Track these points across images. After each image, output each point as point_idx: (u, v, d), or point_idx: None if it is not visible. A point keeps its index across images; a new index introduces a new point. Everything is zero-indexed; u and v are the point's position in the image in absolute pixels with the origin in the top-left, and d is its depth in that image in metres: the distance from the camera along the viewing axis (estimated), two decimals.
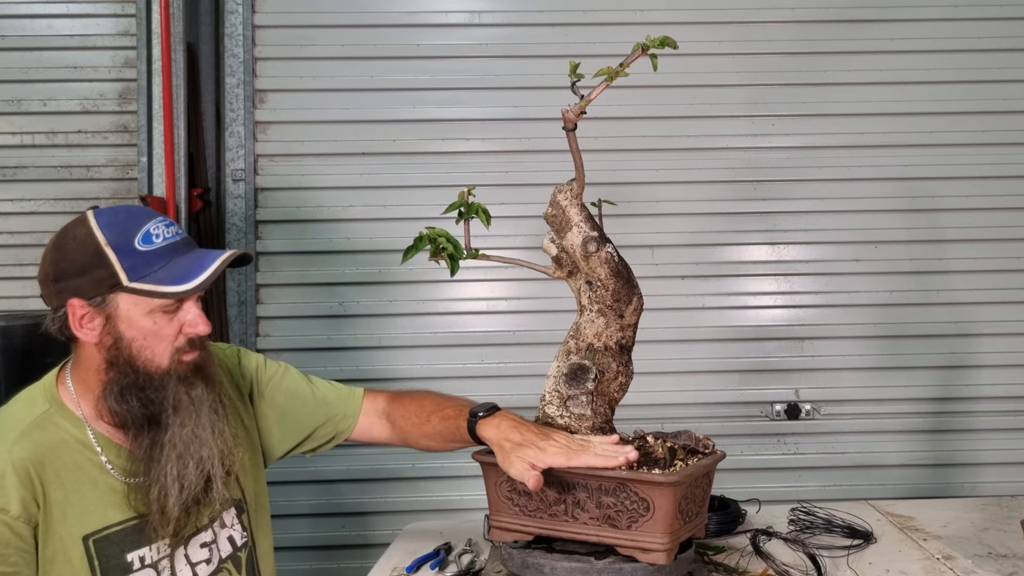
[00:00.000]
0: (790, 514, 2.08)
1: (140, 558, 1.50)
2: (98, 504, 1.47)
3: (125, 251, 1.42)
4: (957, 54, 3.02)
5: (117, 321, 1.43)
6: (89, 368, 1.48)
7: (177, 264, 1.45)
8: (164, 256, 1.44)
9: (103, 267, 1.42)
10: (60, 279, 1.44)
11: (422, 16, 3.00)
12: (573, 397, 1.62)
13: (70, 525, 1.44)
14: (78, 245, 1.44)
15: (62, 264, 1.44)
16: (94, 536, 1.46)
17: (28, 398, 1.52)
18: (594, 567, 1.55)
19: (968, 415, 3.02)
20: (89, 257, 1.42)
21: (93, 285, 1.42)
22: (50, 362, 1.63)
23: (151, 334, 1.44)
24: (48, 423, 1.47)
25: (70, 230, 1.47)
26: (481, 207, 1.72)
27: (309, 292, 2.96)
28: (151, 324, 1.44)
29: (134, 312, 1.43)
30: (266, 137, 2.98)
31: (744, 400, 3.00)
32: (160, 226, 1.46)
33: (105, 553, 1.46)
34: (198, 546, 1.58)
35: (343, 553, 2.92)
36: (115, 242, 1.42)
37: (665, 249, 2.98)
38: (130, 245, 1.43)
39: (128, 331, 1.44)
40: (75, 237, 1.45)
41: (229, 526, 1.64)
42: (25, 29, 2.96)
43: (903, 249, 3.01)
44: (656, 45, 1.56)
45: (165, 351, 1.46)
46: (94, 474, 1.47)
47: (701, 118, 3.00)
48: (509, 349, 2.97)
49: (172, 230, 1.48)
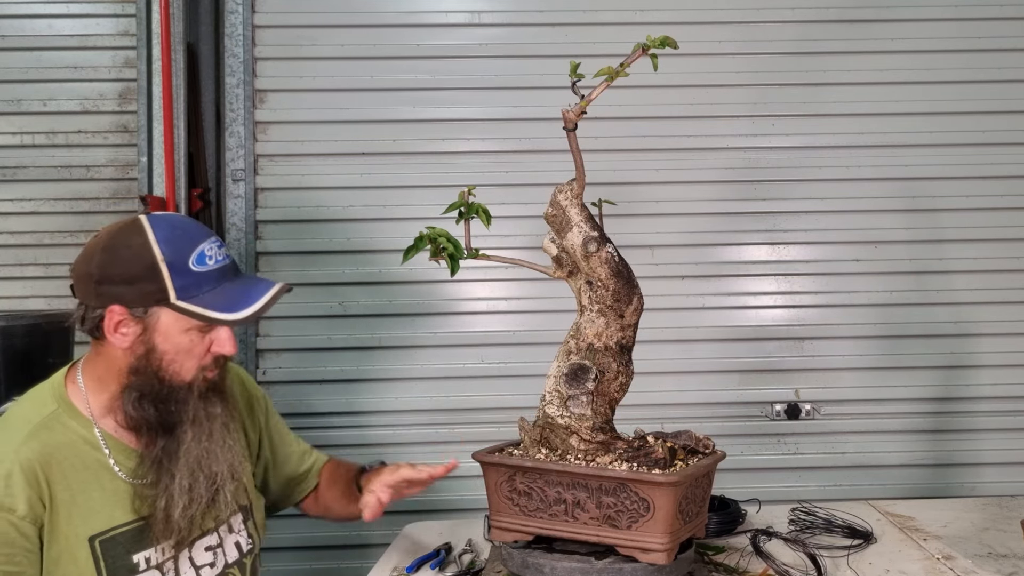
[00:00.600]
0: (790, 514, 2.09)
1: (146, 559, 1.51)
2: (104, 505, 1.48)
3: (179, 270, 1.45)
4: (957, 54, 3.02)
5: (154, 333, 1.45)
6: (110, 368, 1.49)
7: (226, 290, 1.49)
8: (214, 280, 1.48)
9: (154, 282, 1.44)
10: (105, 282, 1.45)
11: (422, 16, 3.00)
12: (573, 397, 1.62)
13: (76, 526, 1.45)
14: (133, 255, 1.45)
15: (111, 269, 1.45)
16: (100, 537, 1.47)
17: (36, 397, 1.53)
18: (594, 567, 1.55)
19: (968, 415, 3.02)
20: (143, 269, 1.44)
21: (139, 296, 1.44)
22: (50, 362, 1.64)
23: (184, 350, 1.47)
24: (56, 423, 1.48)
25: (124, 236, 1.47)
26: (481, 207, 1.72)
27: (309, 292, 2.96)
28: (187, 341, 1.47)
29: (173, 328, 1.46)
30: (266, 137, 2.98)
31: (744, 400, 3.00)
32: (213, 247, 1.50)
33: (111, 554, 1.47)
34: (202, 549, 1.59)
35: (343, 553, 2.92)
36: (171, 259, 1.45)
37: (665, 249, 2.98)
38: (184, 264, 1.45)
39: (163, 344, 1.46)
40: (130, 245, 1.45)
41: (236, 532, 1.66)
42: (25, 29, 2.95)
43: (903, 249, 3.01)
44: (656, 45, 1.56)
45: (192, 367, 1.49)
46: (101, 475, 1.48)
47: (701, 118, 2.99)
48: (509, 349, 2.97)
49: (223, 252, 1.52)
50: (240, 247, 2.93)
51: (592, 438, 1.61)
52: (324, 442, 2.91)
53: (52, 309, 2.78)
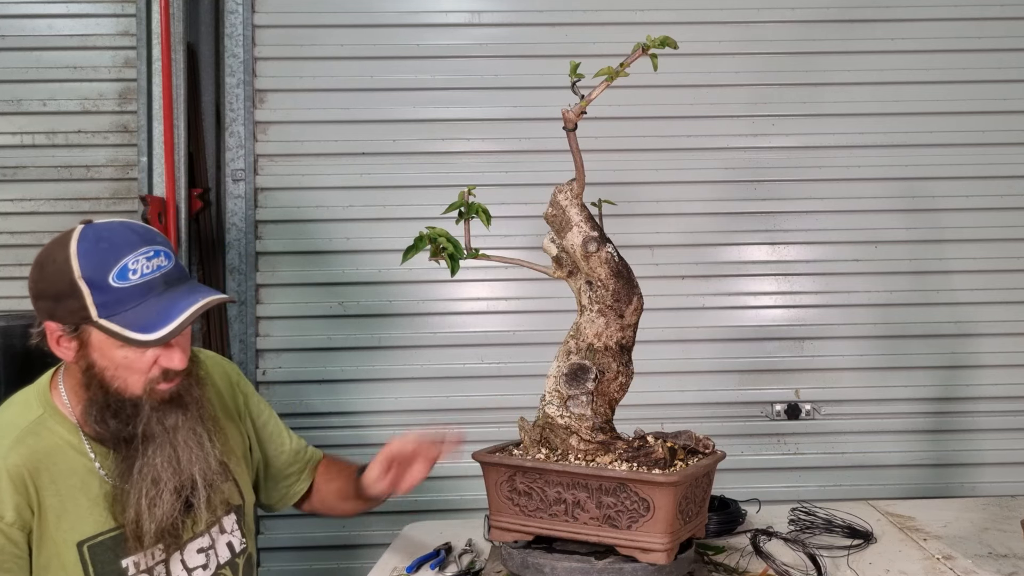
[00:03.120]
0: (790, 514, 2.09)
1: (135, 563, 1.50)
2: (92, 510, 1.46)
3: (98, 286, 1.39)
4: (957, 54, 3.02)
5: (90, 350, 1.42)
6: (76, 379, 1.47)
7: (148, 307, 1.40)
8: (137, 295, 1.40)
9: (75, 299, 1.39)
10: (39, 298, 1.45)
11: (422, 16, 3.00)
12: (573, 397, 1.62)
13: (64, 531, 1.44)
14: (56, 271, 1.41)
15: (41, 285, 1.44)
16: (88, 542, 1.46)
17: (22, 402, 1.52)
18: (594, 567, 1.55)
19: (968, 415, 3.02)
20: (64, 286, 1.40)
21: (67, 313, 1.41)
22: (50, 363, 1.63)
23: (123, 366, 1.43)
24: (42, 428, 1.46)
25: (53, 251, 1.44)
26: (481, 207, 1.72)
27: (309, 292, 2.96)
28: (122, 358, 1.42)
29: (106, 344, 1.41)
30: (266, 137, 2.98)
31: (744, 400, 3.00)
32: (140, 259, 1.41)
33: (100, 559, 1.46)
34: (194, 551, 1.58)
35: (343, 553, 2.92)
36: (89, 276, 1.39)
37: (665, 249, 2.98)
38: (104, 280, 1.39)
39: (100, 360, 1.42)
40: (55, 260, 1.42)
41: (228, 532, 1.65)
42: (25, 29, 2.95)
43: (903, 249, 3.01)
44: (656, 45, 1.57)
45: (138, 382, 1.44)
46: (88, 480, 1.47)
47: (701, 118, 2.99)
48: (509, 349, 2.97)
49: (154, 263, 1.42)
50: (240, 247, 2.94)
51: (592, 438, 1.61)
52: (324, 442, 2.89)
53: None
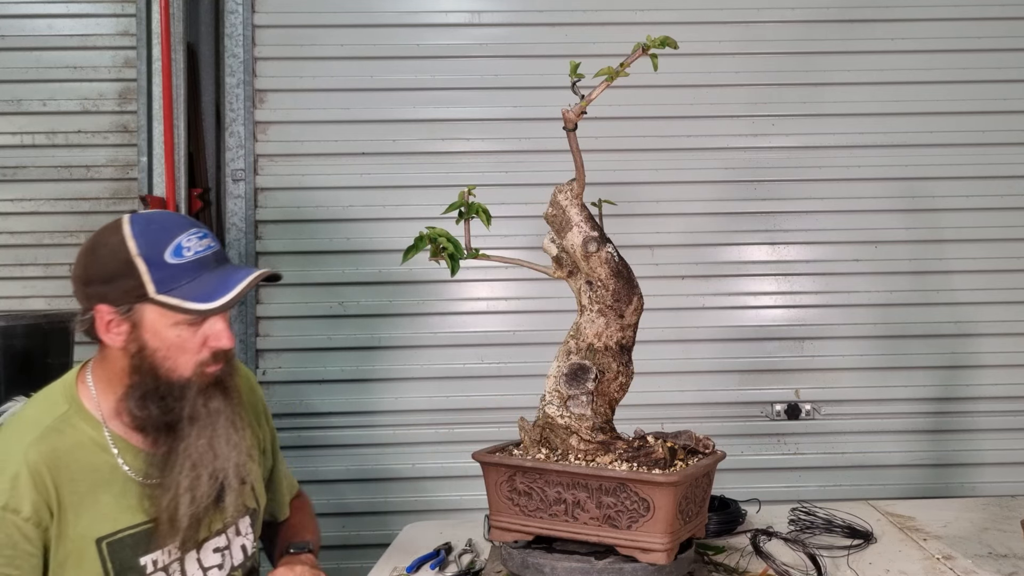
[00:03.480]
0: (790, 514, 2.09)
1: (153, 561, 1.51)
2: (112, 507, 1.47)
3: (155, 263, 1.43)
4: (957, 54, 3.02)
5: (142, 330, 1.44)
6: (113, 369, 1.49)
7: (204, 281, 1.45)
8: (192, 271, 1.45)
9: (132, 277, 1.42)
10: (89, 283, 1.45)
11: (422, 16, 3.00)
12: (573, 397, 1.62)
13: (84, 527, 1.45)
14: (109, 252, 1.44)
15: (92, 269, 1.45)
16: (108, 539, 1.46)
17: (48, 398, 1.53)
18: (594, 567, 1.55)
19: (968, 415, 3.02)
20: (119, 266, 1.43)
21: (121, 294, 1.43)
22: (50, 362, 1.64)
23: (175, 346, 1.45)
24: (66, 425, 1.47)
25: (104, 236, 1.47)
26: (481, 207, 1.72)
27: (309, 292, 2.96)
28: (175, 336, 1.45)
29: (160, 323, 1.44)
30: (266, 137, 2.98)
31: (744, 400, 3.00)
32: (192, 239, 1.47)
33: (119, 556, 1.47)
34: (211, 551, 1.59)
35: (343, 553, 2.92)
36: (146, 253, 1.43)
37: (665, 249, 2.98)
38: (160, 258, 1.43)
39: (152, 341, 1.45)
40: (107, 244, 1.45)
41: (243, 534, 1.66)
42: (25, 29, 2.95)
43: (903, 249, 3.01)
44: (656, 45, 1.57)
45: (188, 363, 1.47)
46: (110, 476, 1.48)
47: (701, 118, 2.99)
48: (509, 349, 2.97)
49: (204, 243, 1.48)
50: (240, 247, 2.93)
51: (592, 438, 1.61)
52: (324, 442, 2.92)
53: (52, 309, 2.78)
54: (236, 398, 1.56)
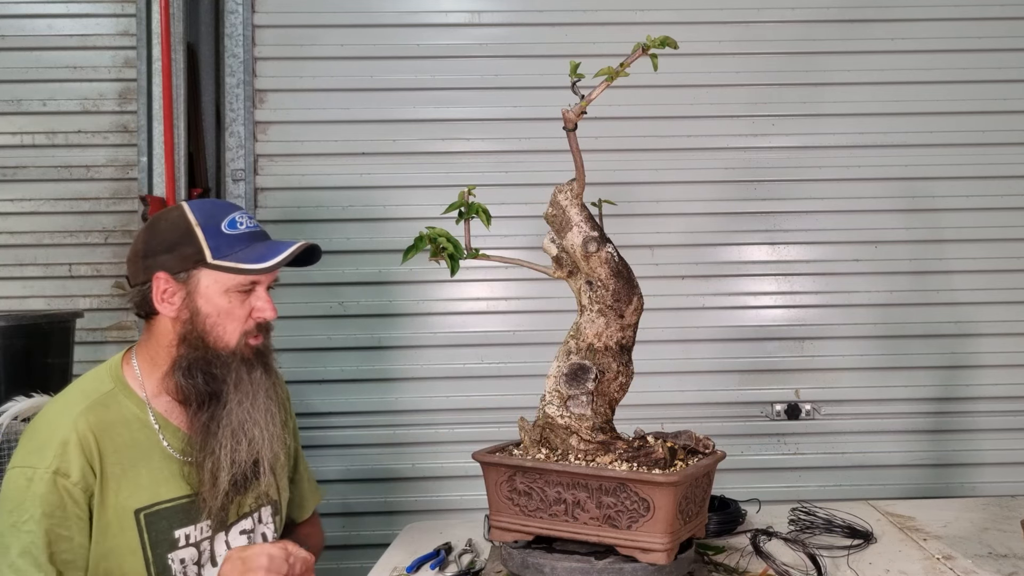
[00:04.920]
0: (790, 514, 2.09)
1: (186, 536, 1.59)
2: (152, 481, 1.56)
3: (212, 232, 1.59)
4: (957, 54, 3.02)
5: (196, 296, 1.57)
6: (160, 343, 1.60)
7: (256, 248, 1.62)
8: (245, 241, 1.62)
9: (191, 244, 1.57)
10: (149, 255, 1.59)
11: (422, 16, 2.99)
12: (573, 397, 1.63)
13: (124, 498, 1.53)
14: (170, 225, 1.60)
15: (153, 242, 1.59)
16: (146, 511, 1.55)
17: (95, 376, 1.63)
18: (594, 567, 1.55)
19: (968, 415, 3.01)
20: (180, 235, 1.58)
21: (179, 260, 1.57)
22: (50, 362, 1.69)
23: (225, 312, 1.58)
24: (112, 401, 1.57)
25: (164, 213, 1.64)
26: (481, 207, 1.72)
27: (309, 292, 2.96)
28: (226, 303, 1.58)
29: (213, 289, 1.57)
30: (266, 137, 2.98)
31: (744, 400, 3.00)
32: (243, 217, 1.65)
33: (155, 527, 1.56)
34: (238, 533, 1.66)
35: (343, 553, 2.92)
36: (204, 223, 1.60)
37: (665, 249, 2.98)
38: (217, 228, 1.60)
39: (205, 306, 1.57)
40: (168, 218, 1.61)
41: (264, 523, 1.72)
42: (25, 29, 2.95)
43: (903, 249, 3.01)
44: (656, 45, 1.57)
45: (235, 331, 1.59)
46: (151, 452, 1.57)
47: (701, 118, 2.99)
48: (509, 349, 2.97)
49: (253, 222, 1.67)
50: None
51: (592, 438, 1.61)
52: (324, 442, 2.92)
53: (52, 309, 2.78)
54: (274, 376, 1.68)
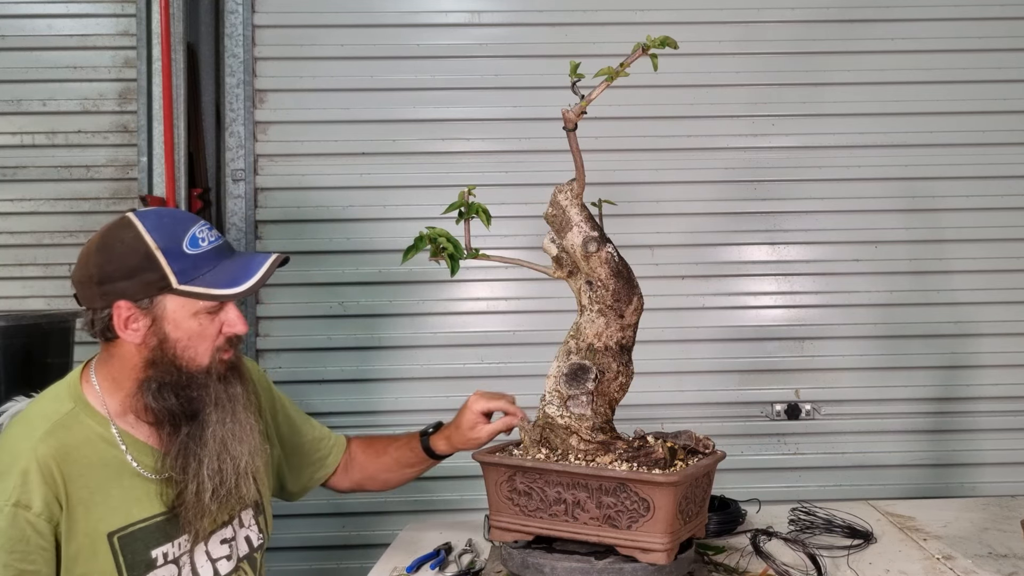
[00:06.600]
0: (790, 514, 2.09)
1: (164, 554, 1.52)
2: (123, 501, 1.49)
3: (175, 255, 1.46)
4: (957, 54, 3.02)
5: (163, 322, 1.46)
6: (123, 366, 1.50)
7: (225, 267, 1.50)
8: (211, 259, 1.49)
9: (153, 270, 1.45)
10: (106, 282, 1.45)
11: (422, 16, 3.00)
12: (573, 397, 1.63)
13: (95, 522, 1.46)
14: (127, 249, 1.45)
15: (108, 267, 1.46)
16: (119, 533, 1.48)
17: (54, 396, 1.54)
18: (594, 567, 1.55)
19: (968, 415, 3.02)
20: (139, 260, 1.45)
21: (142, 287, 1.45)
22: (50, 362, 1.64)
23: (196, 335, 1.48)
24: (73, 422, 1.48)
25: (115, 233, 1.48)
26: (481, 207, 1.72)
27: (309, 292, 2.96)
28: (196, 325, 1.48)
29: (180, 314, 1.47)
30: (266, 137, 2.98)
31: (744, 400, 3.00)
32: (204, 230, 1.51)
33: (130, 549, 1.49)
34: (218, 542, 1.60)
35: (343, 553, 2.92)
36: (165, 246, 1.46)
37: (665, 249, 2.98)
38: (179, 249, 1.46)
39: (174, 332, 1.47)
40: (122, 240, 1.46)
41: (247, 526, 1.67)
42: (25, 29, 2.95)
43: (903, 249, 3.01)
44: (656, 45, 1.57)
45: (207, 351, 1.50)
46: (120, 472, 1.49)
47: (701, 118, 2.99)
48: (509, 349, 2.97)
49: (214, 234, 1.52)
50: (240, 247, 2.93)
51: (592, 438, 1.61)
52: None
53: (52, 309, 2.78)
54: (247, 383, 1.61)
